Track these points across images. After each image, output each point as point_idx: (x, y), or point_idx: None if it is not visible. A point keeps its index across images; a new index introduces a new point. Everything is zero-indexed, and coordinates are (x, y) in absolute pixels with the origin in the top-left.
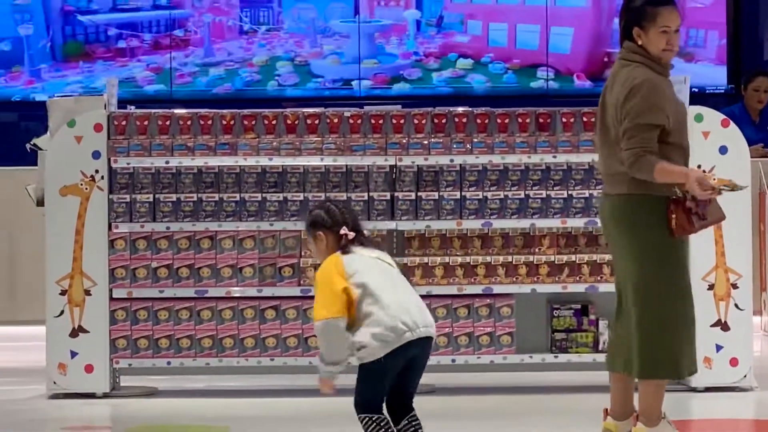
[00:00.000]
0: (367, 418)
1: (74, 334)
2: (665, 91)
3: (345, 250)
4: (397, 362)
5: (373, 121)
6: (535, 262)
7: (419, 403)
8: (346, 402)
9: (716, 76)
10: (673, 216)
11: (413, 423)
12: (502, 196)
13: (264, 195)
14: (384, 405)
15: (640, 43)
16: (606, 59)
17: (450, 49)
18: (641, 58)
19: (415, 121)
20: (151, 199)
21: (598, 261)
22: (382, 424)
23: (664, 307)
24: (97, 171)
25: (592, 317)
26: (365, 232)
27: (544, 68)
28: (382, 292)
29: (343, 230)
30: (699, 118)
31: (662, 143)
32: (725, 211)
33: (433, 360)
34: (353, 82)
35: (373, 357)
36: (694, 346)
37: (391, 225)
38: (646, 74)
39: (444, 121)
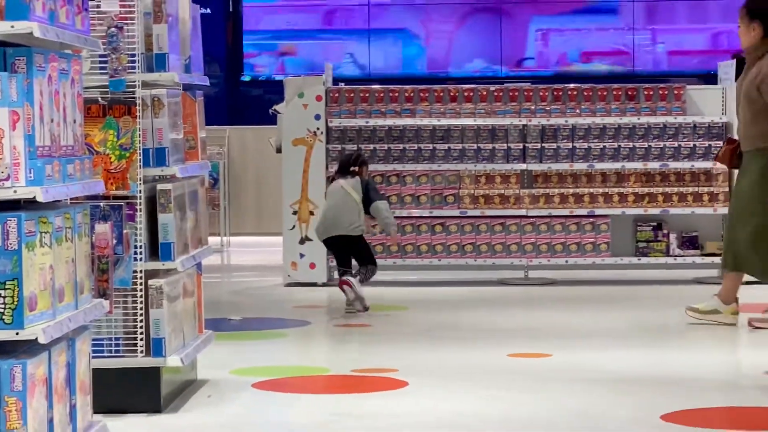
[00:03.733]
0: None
1: (302, 242)
2: None
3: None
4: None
5: (510, 94)
6: (624, 193)
7: (545, 292)
8: (487, 291)
9: None
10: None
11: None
12: (601, 146)
13: (434, 145)
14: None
15: None
16: None
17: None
18: None
19: (540, 94)
20: (355, 148)
21: (669, 192)
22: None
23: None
24: (318, 128)
25: (665, 231)
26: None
27: None
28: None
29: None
30: None
31: None
32: None
33: (552, 261)
34: (495, 67)
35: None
36: None
37: (523, 166)
38: None
39: (560, 93)
